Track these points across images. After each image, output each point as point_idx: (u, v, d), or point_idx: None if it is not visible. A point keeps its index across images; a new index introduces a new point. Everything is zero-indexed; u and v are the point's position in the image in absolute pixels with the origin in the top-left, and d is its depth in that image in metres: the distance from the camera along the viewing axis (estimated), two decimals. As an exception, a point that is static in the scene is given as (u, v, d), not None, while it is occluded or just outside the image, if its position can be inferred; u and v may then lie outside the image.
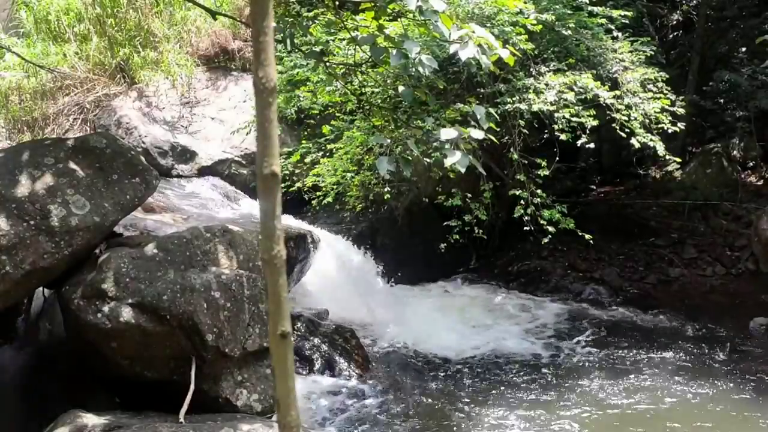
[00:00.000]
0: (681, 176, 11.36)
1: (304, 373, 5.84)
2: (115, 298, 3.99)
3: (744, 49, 10.96)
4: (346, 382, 5.78)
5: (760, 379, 6.08)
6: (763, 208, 9.09)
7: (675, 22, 12.45)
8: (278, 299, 1.11)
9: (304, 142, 7.92)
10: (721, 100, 10.70)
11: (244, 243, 4.44)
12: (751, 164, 11.77)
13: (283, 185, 7.79)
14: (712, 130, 11.56)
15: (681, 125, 7.17)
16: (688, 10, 12.38)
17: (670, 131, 7.14)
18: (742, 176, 11.53)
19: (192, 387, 3.91)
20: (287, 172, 7.90)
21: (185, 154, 8.49)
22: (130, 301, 3.98)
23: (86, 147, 4.35)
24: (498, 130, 6.83)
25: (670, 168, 11.50)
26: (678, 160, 8.20)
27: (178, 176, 8.39)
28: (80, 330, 4.13)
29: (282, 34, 3.93)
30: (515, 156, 7.01)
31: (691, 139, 12.02)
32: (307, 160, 7.72)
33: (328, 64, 4.81)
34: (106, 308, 3.97)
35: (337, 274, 7.14)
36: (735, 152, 11.75)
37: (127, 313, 3.96)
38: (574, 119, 6.79)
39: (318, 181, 7.58)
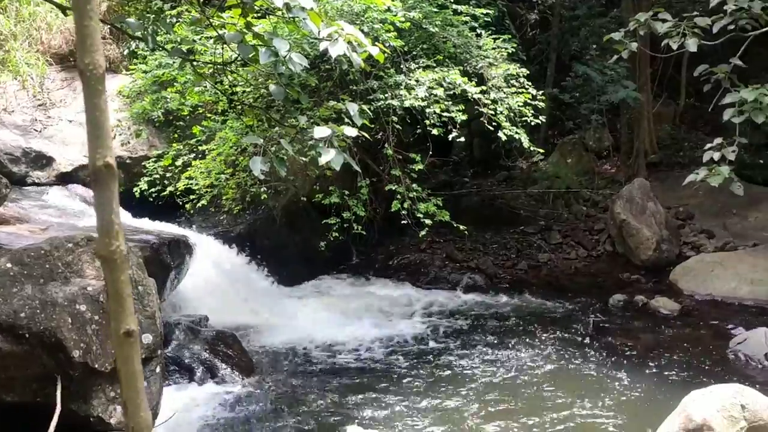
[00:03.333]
0: (545, 166, 12.08)
1: (184, 382, 5.63)
2: (-36, 319, 3.63)
3: (595, 47, 11.81)
4: (230, 388, 5.64)
5: (619, 349, 6.61)
6: (616, 194, 9.86)
7: (533, 21, 13.21)
8: (120, 297, 1.05)
9: (174, 144, 7.60)
10: (577, 94, 11.47)
11: (112, 252, 4.19)
12: (605, 153, 12.74)
13: (154, 189, 7.52)
14: (570, 122, 12.40)
15: (542, 118, 7.62)
16: (544, 9, 13.18)
17: (533, 124, 7.56)
18: (598, 164, 12.47)
19: (58, 408, 3.65)
20: (158, 176, 7.56)
21: (40, 160, 7.87)
22: (-18, 321, 3.64)
23: None
24: (372, 126, 6.93)
25: (535, 159, 12.19)
26: (541, 151, 8.69)
27: (34, 184, 7.77)
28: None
29: (143, 32, 3.74)
30: (390, 152, 7.13)
31: (552, 131, 12.82)
32: (178, 162, 7.42)
33: (195, 63, 4.65)
34: (-46, 331, 3.60)
35: (216, 278, 6.94)
36: (591, 143, 12.67)
37: (-21, 335, 3.62)
38: (444, 114, 7.01)
39: (191, 184, 7.31)
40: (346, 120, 5.56)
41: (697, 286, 8.16)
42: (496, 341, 6.91)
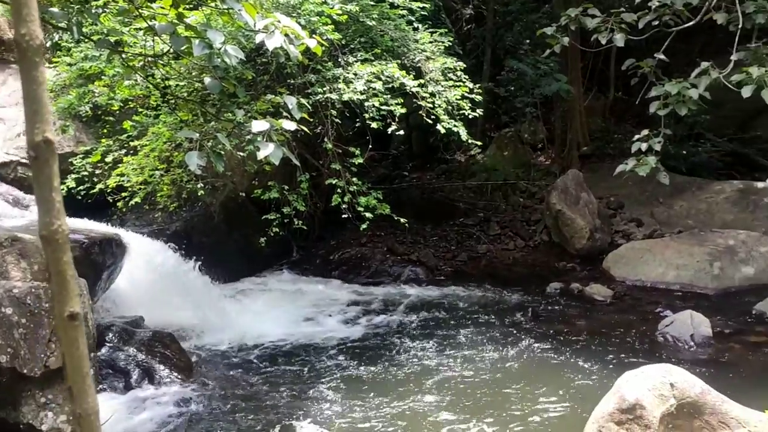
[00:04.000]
0: (482, 159, 12.29)
1: (120, 386, 5.45)
2: None
3: (528, 41, 12.07)
4: (169, 390, 5.50)
5: (556, 335, 6.80)
6: (551, 185, 10.13)
7: (468, 16, 13.39)
8: (63, 278, 1.01)
9: (103, 140, 7.34)
10: (512, 88, 11.71)
11: (39, 252, 4.02)
12: (540, 146, 13.07)
13: (83, 187, 7.24)
14: (506, 115, 12.65)
15: (479, 111, 7.73)
16: (479, 4, 13.38)
17: (470, 117, 7.66)
18: (534, 156, 12.77)
19: (-14, 418, 3.48)
20: (86, 173, 7.29)
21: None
22: None
23: None
24: (311, 120, 6.87)
25: (473, 152, 12.40)
26: (479, 143, 8.83)
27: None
28: None
29: (68, 22, 3.59)
30: (329, 146, 7.10)
31: (489, 124, 13.05)
32: (109, 159, 7.17)
33: (124, 55, 4.49)
34: None
35: (151, 277, 6.74)
36: (526, 135, 12.97)
37: None
38: (383, 108, 7.02)
39: (122, 181, 7.08)
40: (285, 114, 5.49)
41: (628, 273, 8.48)
42: (437, 333, 6.98)
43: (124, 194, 7.13)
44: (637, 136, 4.86)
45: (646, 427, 3.63)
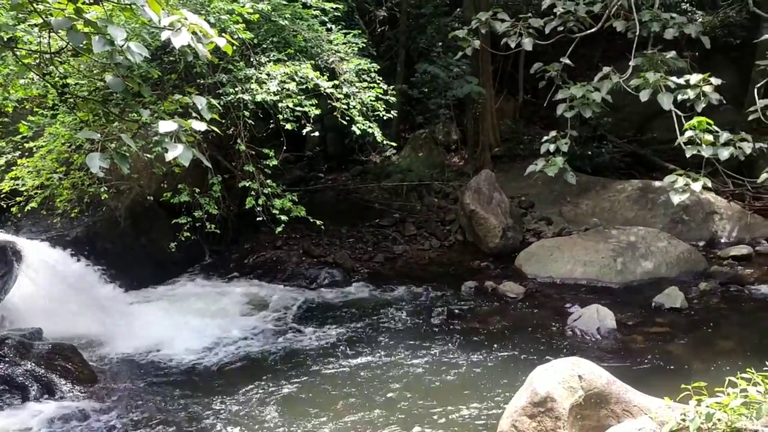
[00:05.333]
0: (397, 160, 12.40)
1: (17, 402, 5.11)
2: None
3: (440, 44, 12.28)
4: (71, 404, 5.20)
5: (471, 333, 6.93)
6: (465, 185, 10.33)
7: (381, 18, 13.48)
8: None
9: (-1, 142, 6.87)
10: (425, 90, 11.87)
11: None
12: (453, 147, 13.32)
13: (-28, 192, 6.73)
14: (420, 116, 12.82)
15: (394, 113, 7.77)
16: (392, 6, 13.49)
17: (385, 118, 7.69)
18: (448, 157, 13.01)
19: None
20: (-23, 176, 6.80)
21: None
22: None
23: None
24: (222, 121, 6.70)
25: (387, 153, 12.49)
26: (394, 144, 8.88)
27: None
28: None
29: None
30: (242, 147, 6.94)
31: (403, 125, 13.19)
32: (1, 161, 6.71)
33: (18, 52, 4.20)
34: None
35: (50, 286, 6.36)
36: (440, 136, 13.19)
37: None
38: (298, 109, 6.93)
39: (17, 185, 6.63)
40: (194, 114, 5.31)
41: (539, 270, 8.77)
42: (353, 334, 6.97)
43: (18, 199, 6.69)
44: (545, 138, 5.02)
45: (556, 419, 3.75)
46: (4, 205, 6.75)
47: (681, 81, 4.22)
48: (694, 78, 4.18)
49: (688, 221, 9.87)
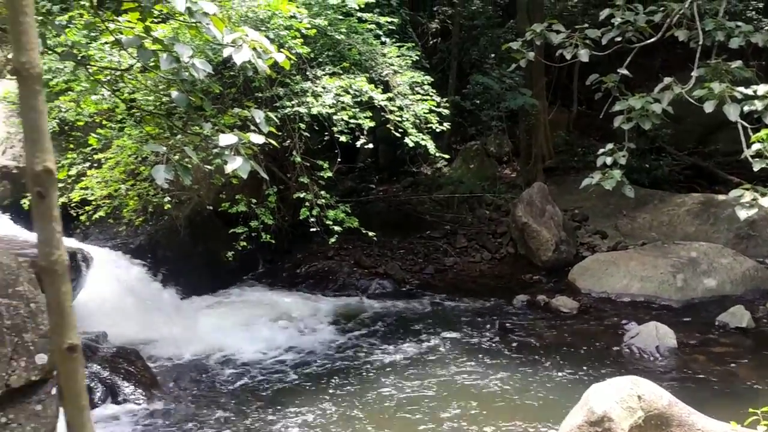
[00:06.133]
0: (449, 172, 12.38)
1: (83, 405, 5.31)
2: None
3: (493, 56, 12.24)
4: (134, 407, 5.37)
5: (523, 348, 6.85)
6: (517, 198, 10.25)
7: (434, 30, 13.53)
8: (62, 310, 0.98)
9: (69, 154, 7.17)
10: (478, 101, 11.84)
11: (1, 268, 3.89)
12: (505, 159, 13.22)
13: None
14: (472, 128, 12.78)
15: (446, 125, 7.79)
16: (445, 19, 13.54)
17: (438, 131, 7.71)
18: (499, 170, 12.92)
19: (-58, 442, 3.35)
20: (49, 185, 7.11)
21: None
22: None
23: None
24: (279, 134, 6.84)
25: (439, 165, 12.49)
26: (446, 156, 8.89)
27: None
28: None
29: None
30: (298, 159, 7.06)
31: (454, 137, 13.17)
32: (72, 172, 7.01)
33: (90, 69, 4.40)
34: None
35: (115, 292, 6.61)
36: (492, 148, 13.12)
37: None
38: (352, 121, 7.02)
39: (86, 194, 6.92)
40: (252, 127, 5.45)
41: (594, 285, 8.60)
42: (405, 346, 6.97)
43: (87, 208, 6.98)
44: (602, 150, 4.94)
45: (614, 438, 3.67)
46: (74, 214, 7.04)
47: (748, 91, 4.10)
48: (762, 88, 4.05)
49: (754, 237, 9.51)
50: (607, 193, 9.83)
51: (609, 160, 4.87)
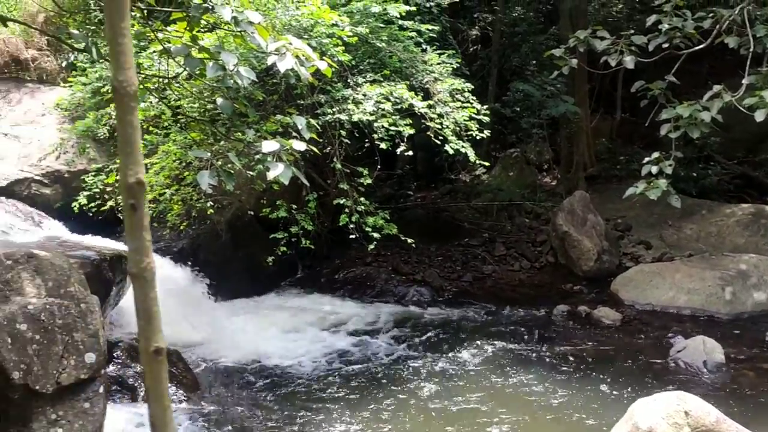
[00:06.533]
0: (488, 179, 12.30)
1: (127, 402, 5.43)
2: None
3: (534, 62, 12.13)
4: (175, 407, 5.46)
5: (564, 359, 6.74)
6: (557, 206, 10.11)
7: (474, 37, 13.49)
8: (150, 314, 1.03)
9: (119, 159, 7.37)
10: (518, 109, 11.74)
11: (53, 268, 4.02)
12: (545, 167, 13.07)
13: (93, 205, 7.27)
14: (512, 136, 12.67)
15: (486, 132, 7.74)
16: (485, 26, 13.48)
17: (478, 138, 7.68)
18: (539, 177, 12.78)
19: (-5, 436, 3.47)
20: (97, 190, 7.32)
21: (-27, 175, 7.51)
22: None
23: None
24: (320, 140, 6.90)
25: (478, 172, 12.41)
26: (486, 164, 8.84)
27: (-34, 199, 7.40)
28: None
29: (87, 43, 3.62)
30: (338, 165, 7.11)
31: (494, 144, 13.08)
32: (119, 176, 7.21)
33: (140, 76, 4.52)
34: None
35: (159, 294, 6.73)
36: (532, 156, 12.98)
37: None
38: (392, 128, 7.04)
39: (133, 198, 7.10)
40: (294, 134, 5.51)
41: (638, 296, 8.42)
42: (442, 354, 6.93)
43: (133, 212, 7.14)
44: (647, 159, 4.85)
45: (659, 454, 3.58)
46: (120, 217, 7.23)
47: (801, 101, 3.98)
48: (815, 98, 3.93)
49: (808, 249, 9.20)
50: (651, 203, 9.63)
51: (654, 169, 4.78)
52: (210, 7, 3.48)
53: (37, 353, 3.71)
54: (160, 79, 4.45)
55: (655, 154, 4.82)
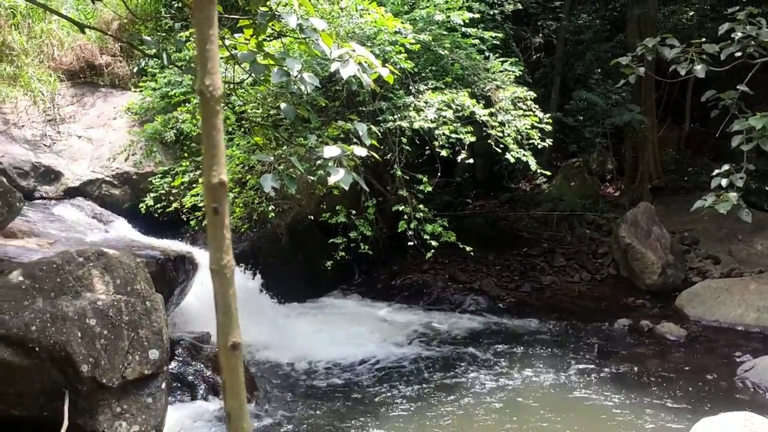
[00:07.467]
0: (548, 189, 12.10)
1: (187, 399, 5.59)
2: (-29, 333, 3.62)
3: (599, 71, 11.89)
4: (233, 407, 5.58)
5: (624, 375, 6.55)
6: (620, 217, 9.85)
7: (537, 45, 13.32)
8: (228, 310, 1.09)
9: (184, 162, 7.62)
10: (581, 117, 11.52)
11: (121, 266, 4.19)
12: (608, 177, 12.77)
13: (159, 206, 7.53)
14: (574, 145, 12.44)
15: (548, 141, 7.63)
16: (549, 33, 13.30)
17: (539, 146, 7.57)
18: (602, 188, 12.49)
19: (66, 423, 3.63)
20: (164, 191, 7.59)
21: (49, 175, 7.89)
22: (-10, 335, 3.64)
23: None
24: (380, 147, 6.95)
25: (538, 181, 12.23)
26: (548, 173, 8.70)
27: (42, 198, 7.79)
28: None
29: (156, 49, 3.78)
30: (398, 172, 7.14)
31: (555, 153, 12.87)
32: (185, 179, 7.44)
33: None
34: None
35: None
36: (594, 166, 12.71)
37: (-13, 349, 3.61)
38: (453, 136, 7.03)
39: (197, 201, 7.32)
40: (355, 140, 5.58)
41: (704, 312, 8.11)
42: (498, 364, 6.85)
43: (197, 213, 7.37)
44: (717, 171, 4.69)
45: (724, 477, 3.44)
46: (185, 219, 7.46)
47: None
48: None
49: None
50: (720, 216, 9.28)
51: (724, 182, 4.61)
52: (276, 15, 3.57)
53: (105, 348, 3.87)
54: (226, 85, 4.59)
55: (726, 167, 4.65)
